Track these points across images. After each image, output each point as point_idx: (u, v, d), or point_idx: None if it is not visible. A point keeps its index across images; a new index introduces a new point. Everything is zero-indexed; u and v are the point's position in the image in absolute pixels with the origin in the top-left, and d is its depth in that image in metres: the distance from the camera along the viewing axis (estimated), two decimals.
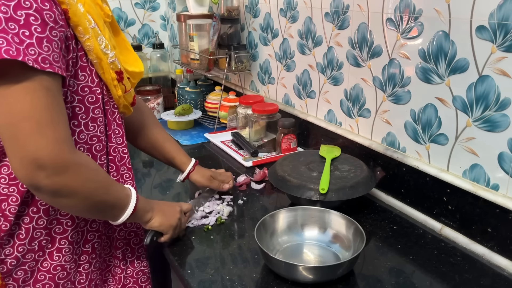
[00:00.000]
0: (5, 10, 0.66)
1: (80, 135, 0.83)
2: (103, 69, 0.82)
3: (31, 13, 0.67)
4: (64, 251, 0.85)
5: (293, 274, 0.85)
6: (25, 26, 0.67)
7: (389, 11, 1.11)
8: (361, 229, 0.91)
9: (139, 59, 0.97)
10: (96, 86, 0.82)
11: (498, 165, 0.93)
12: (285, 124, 1.44)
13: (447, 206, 1.03)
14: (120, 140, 0.91)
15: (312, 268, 0.86)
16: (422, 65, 1.05)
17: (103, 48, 0.82)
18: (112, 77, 0.84)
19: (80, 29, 0.77)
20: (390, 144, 1.19)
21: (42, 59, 0.68)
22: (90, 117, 0.83)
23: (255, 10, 1.70)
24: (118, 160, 0.90)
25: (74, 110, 0.81)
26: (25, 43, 0.66)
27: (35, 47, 0.67)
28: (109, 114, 0.87)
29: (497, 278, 0.89)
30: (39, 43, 0.68)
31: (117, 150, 0.90)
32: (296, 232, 0.99)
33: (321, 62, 1.40)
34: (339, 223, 0.97)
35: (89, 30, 0.78)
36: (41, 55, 0.68)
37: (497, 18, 0.87)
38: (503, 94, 0.89)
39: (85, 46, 0.79)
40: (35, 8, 0.68)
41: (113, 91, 0.86)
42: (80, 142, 0.83)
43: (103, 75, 0.83)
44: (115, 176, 0.91)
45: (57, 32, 0.71)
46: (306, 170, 1.15)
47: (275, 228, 0.98)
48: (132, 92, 0.93)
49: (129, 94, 0.91)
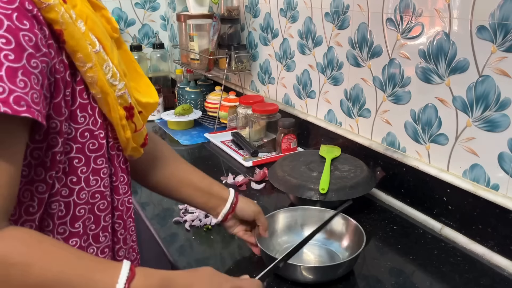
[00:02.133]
0: None
1: (80, 194, 0.64)
2: (109, 106, 0.64)
3: (1, 33, 0.49)
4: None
5: (293, 274, 0.85)
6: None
7: (389, 11, 1.11)
8: (361, 228, 0.91)
9: (151, 84, 0.77)
10: (99, 128, 0.64)
11: (498, 165, 0.93)
12: (285, 124, 1.44)
13: (447, 206, 1.03)
14: (125, 189, 0.73)
15: (312, 268, 0.86)
16: (422, 65, 1.05)
17: (110, 78, 0.63)
18: (120, 116, 0.66)
19: (80, 56, 0.58)
20: (390, 144, 1.19)
21: (15, 98, 0.49)
22: (91, 169, 0.65)
23: (255, 10, 1.70)
24: (125, 214, 0.73)
25: (72, 163, 0.62)
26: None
27: (5, 82, 0.48)
28: (115, 161, 0.69)
29: (497, 278, 0.89)
30: (10, 76, 0.49)
31: (124, 203, 0.72)
32: (296, 232, 0.99)
33: (321, 62, 1.40)
34: (339, 223, 0.97)
35: (92, 57, 0.60)
36: (14, 93, 0.49)
37: (497, 18, 0.87)
38: (503, 94, 0.89)
39: (87, 78, 0.60)
40: (6, 26, 0.50)
41: (120, 132, 0.67)
42: (80, 203, 0.65)
43: (109, 114, 0.65)
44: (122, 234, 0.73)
45: (38, 62, 0.52)
46: (306, 170, 1.15)
47: (274, 229, 0.98)
48: (144, 130, 0.73)
49: (140, 134, 0.71)
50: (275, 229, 0.98)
